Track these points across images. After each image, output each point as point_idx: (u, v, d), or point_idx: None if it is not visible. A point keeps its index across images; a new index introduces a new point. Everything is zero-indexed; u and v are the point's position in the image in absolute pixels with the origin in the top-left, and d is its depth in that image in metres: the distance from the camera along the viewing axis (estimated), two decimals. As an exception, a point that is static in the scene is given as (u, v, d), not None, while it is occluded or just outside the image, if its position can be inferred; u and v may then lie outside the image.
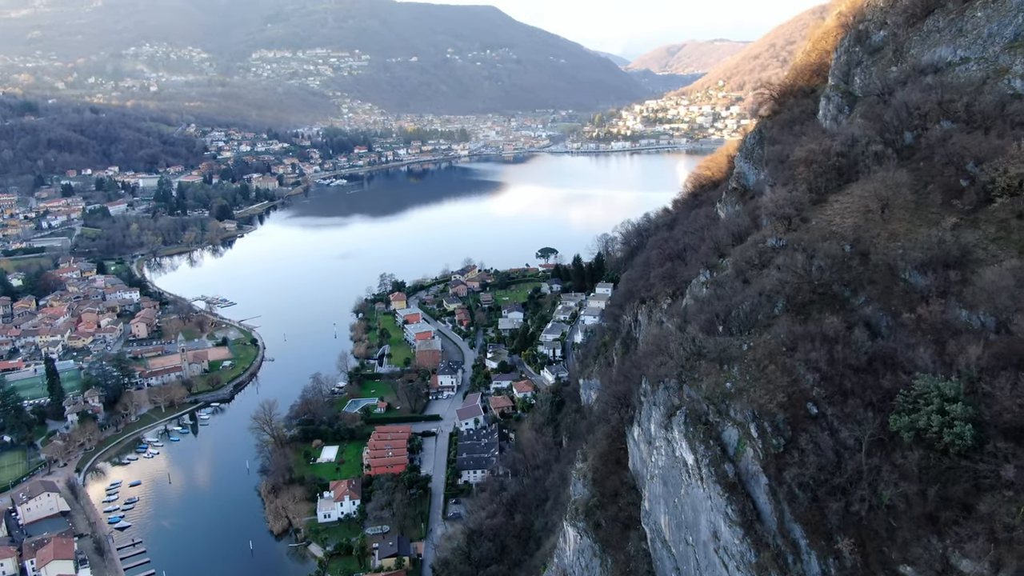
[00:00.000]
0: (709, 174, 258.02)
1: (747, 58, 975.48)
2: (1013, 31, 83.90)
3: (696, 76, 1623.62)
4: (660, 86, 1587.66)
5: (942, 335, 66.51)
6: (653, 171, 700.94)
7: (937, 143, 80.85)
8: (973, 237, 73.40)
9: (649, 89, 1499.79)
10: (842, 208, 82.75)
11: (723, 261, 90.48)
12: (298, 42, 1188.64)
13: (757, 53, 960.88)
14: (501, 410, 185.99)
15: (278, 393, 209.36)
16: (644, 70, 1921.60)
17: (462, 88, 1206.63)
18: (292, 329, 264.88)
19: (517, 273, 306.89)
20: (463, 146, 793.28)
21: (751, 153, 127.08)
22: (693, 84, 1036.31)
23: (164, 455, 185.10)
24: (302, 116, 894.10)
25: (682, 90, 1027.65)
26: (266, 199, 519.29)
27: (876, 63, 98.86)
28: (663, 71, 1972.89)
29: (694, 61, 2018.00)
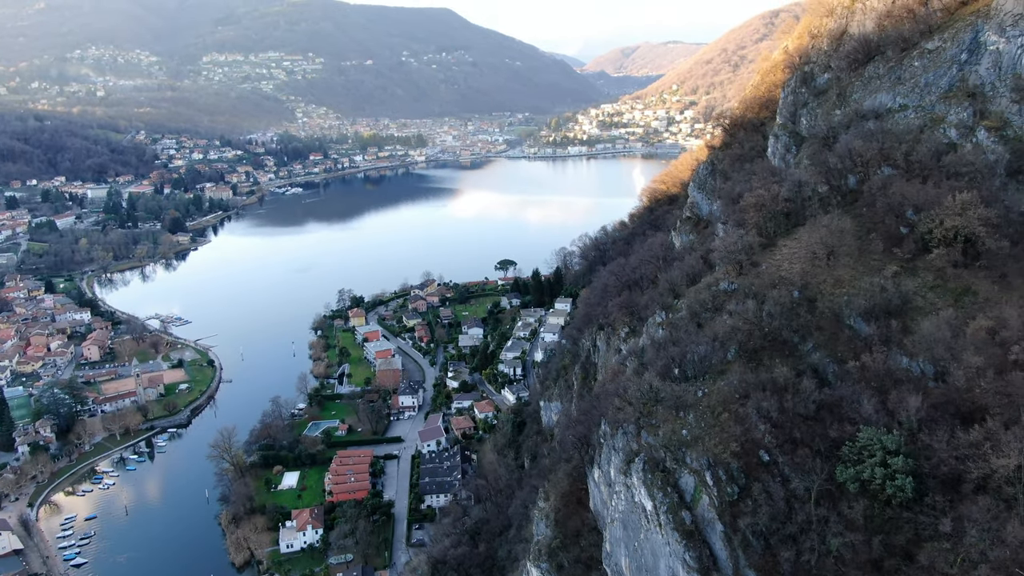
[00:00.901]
0: (664, 188, 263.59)
1: (700, 62, 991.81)
2: (948, 82, 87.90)
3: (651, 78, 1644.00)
4: (615, 88, 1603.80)
5: (885, 383, 69.96)
6: (610, 177, 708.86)
7: (879, 190, 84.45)
8: (912, 285, 77.15)
9: (605, 91, 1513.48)
10: (790, 253, 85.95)
11: (678, 302, 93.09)
12: (250, 45, 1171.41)
13: (710, 58, 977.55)
14: (463, 431, 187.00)
15: (237, 416, 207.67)
16: (599, 72, 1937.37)
17: (418, 91, 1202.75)
18: (249, 347, 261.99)
19: (476, 287, 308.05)
20: (420, 152, 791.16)
21: (704, 184, 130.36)
22: (648, 88, 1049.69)
23: (120, 485, 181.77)
24: (255, 121, 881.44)
25: (637, 94, 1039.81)
26: (220, 209, 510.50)
27: (821, 105, 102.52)
28: (618, 72, 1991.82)
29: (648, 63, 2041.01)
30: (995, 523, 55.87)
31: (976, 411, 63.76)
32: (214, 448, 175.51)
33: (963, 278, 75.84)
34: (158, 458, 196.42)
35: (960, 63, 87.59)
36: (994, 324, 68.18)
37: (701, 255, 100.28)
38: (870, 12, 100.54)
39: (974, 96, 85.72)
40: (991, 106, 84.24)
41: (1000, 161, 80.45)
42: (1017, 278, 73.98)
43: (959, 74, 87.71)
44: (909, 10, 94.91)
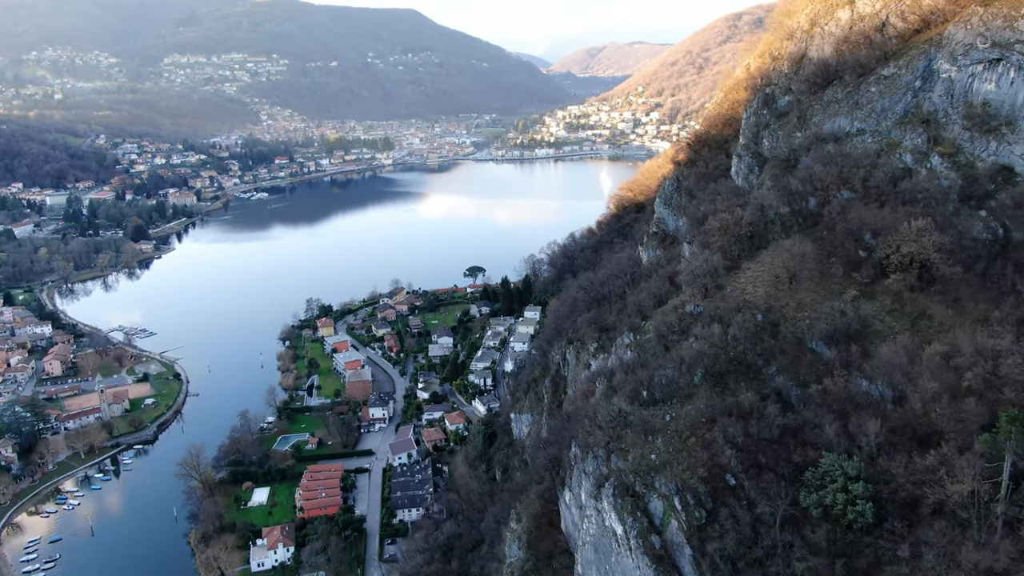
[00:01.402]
0: (631, 196, 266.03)
1: (665, 64, 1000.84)
2: (903, 107, 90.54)
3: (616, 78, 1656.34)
4: (581, 88, 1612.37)
5: (845, 407, 72.22)
6: (577, 179, 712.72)
7: (838, 215, 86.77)
8: (871, 309, 79.62)
9: (571, 92, 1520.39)
10: (754, 276, 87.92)
11: (645, 324, 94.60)
12: (212, 46, 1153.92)
13: (675, 60, 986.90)
14: (434, 443, 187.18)
15: (204, 431, 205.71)
16: (566, 72, 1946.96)
17: (384, 93, 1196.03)
18: (216, 359, 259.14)
19: (446, 294, 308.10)
20: (387, 155, 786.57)
21: (670, 200, 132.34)
22: (614, 89, 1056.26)
23: (86, 505, 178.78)
24: (219, 124, 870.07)
25: (603, 95, 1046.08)
26: (184, 216, 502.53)
27: (782, 127, 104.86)
28: (584, 73, 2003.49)
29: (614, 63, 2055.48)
30: (951, 546, 58.13)
31: (932, 435, 66.20)
32: (182, 466, 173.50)
33: (919, 302, 78.47)
34: (124, 476, 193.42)
35: (915, 90, 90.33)
36: (948, 349, 70.71)
37: (668, 276, 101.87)
38: (828, 37, 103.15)
39: (928, 122, 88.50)
40: (944, 132, 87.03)
41: (953, 187, 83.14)
42: (970, 302, 76.72)
43: (914, 100, 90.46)
44: (866, 36, 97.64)
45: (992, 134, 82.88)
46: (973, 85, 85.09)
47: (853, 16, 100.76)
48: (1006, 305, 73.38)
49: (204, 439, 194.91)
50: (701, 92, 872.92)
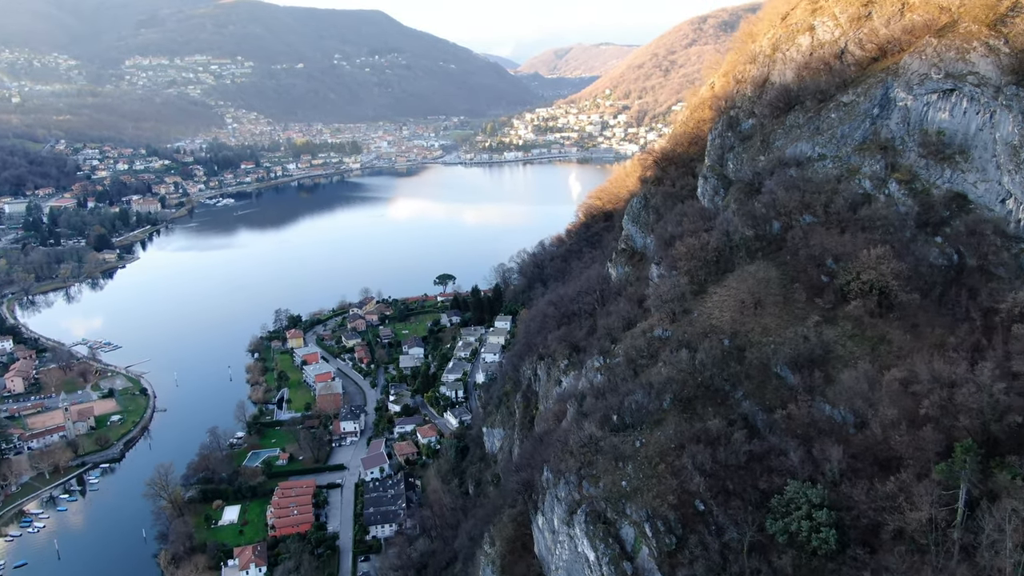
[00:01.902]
0: (600, 204, 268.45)
1: (632, 67, 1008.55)
2: (862, 134, 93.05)
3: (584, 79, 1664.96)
4: (549, 90, 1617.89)
5: (809, 432, 74.29)
6: (546, 183, 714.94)
7: (801, 241, 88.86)
8: (833, 334, 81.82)
9: (539, 93, 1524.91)
10: (720, 301, 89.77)
11: (615, 347, 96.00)
12: (175, 48, 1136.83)
13: (641, 62, 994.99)
14: (406, 457, 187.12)
15: (173, 448, 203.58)
16: (533, 73, 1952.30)
17: (351, 95, 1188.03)
18: (184, 372, 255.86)
19: (416, 303, 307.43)
20: (355, 159, 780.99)
21: (638, 217, 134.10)
22: (582, 92, 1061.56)
23: (51, 527, 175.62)
24: (183, 128, 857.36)
25: (571, 98, 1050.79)
26: (148, 223, 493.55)
27: (747, 150, 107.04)
28: (552, 74, 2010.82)
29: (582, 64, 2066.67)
30: (910, 572, 60.28)
31: (892, 460, 68.42)
32: (150, 486, 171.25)
33: (879, 327, 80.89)
34: (91, 496, 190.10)
35: (873, 117, 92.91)
36: (907, 375, 72.97)
37: (637, 299, 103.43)
38: (790, 62, 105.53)
39: (886, 149, 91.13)
40: (901, 159, 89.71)
41: (910, 213, 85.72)
42: (927, 327, 79.29)
43: (872, 127, 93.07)
44: (825, 63, 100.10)
45: (947, 162, 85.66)
46: (928, 114, 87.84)
47: (813, 43, 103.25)
48: (961, 331, 76.08)
49: (172, 456, 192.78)
50: (668, 94, 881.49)
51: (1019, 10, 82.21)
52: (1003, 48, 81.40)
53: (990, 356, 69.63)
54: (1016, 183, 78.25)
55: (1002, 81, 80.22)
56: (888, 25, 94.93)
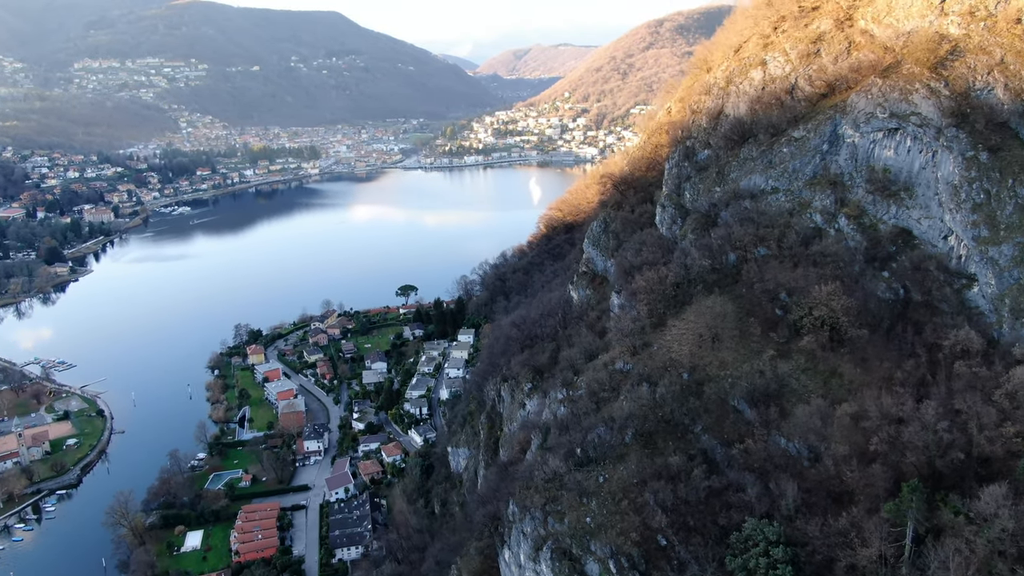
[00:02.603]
0: (560, 216, 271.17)
1: (590, 70, 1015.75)
2: (812, 169, 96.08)
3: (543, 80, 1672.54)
4: (508, 91, 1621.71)
5: (766, 467, 76.75)
6: (507, 187, 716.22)
7: (756, 275, 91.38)
8: (787, 368, 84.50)
9: (498, 94, 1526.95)
10: (679, 334, 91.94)
11: (577, 379, 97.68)
12: (127, 50, 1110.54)
13: (599, 65, 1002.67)
14: (371, 476, 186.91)
15: (132, 471, 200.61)
16: (492, 74, 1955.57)
17: (309, 98, 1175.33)
18: (142, 391, 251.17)
19: (378, 316, 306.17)
20: (313, 164, 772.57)
21: (598, 241, 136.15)
22: (541, 95, 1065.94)
23: (6, 559, 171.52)
24: (136, 132, 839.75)
25: (530, 100, 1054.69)
26: (101, 234, 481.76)
27: (703, 181, 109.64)
28: (511, 75, 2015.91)
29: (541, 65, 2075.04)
30: (863, 607, 63.05)
31: (845, 494, 71.24)
32: (110, 514, 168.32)
33: (830, 361, 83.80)
34: (47, 525, 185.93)
35: (822, 152, 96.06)
36: (858, 410, 75.84)
37: (599, 331, 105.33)
38: (743, 95, 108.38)
39: (835, 184, 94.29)
40: (850, 195, 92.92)
41: (859, 248, 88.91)
42: (875, 361, 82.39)
43: (822, 163, 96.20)
44: (777, 98, 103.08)
45: (892, 198, 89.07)
46: (875, 151, 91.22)
47: (765, 77, 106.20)
48: (907, 366, 79.21)
49: (132, 480, 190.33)
50: (626, 97, 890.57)
51: (958, 54, 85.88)
52: (943, 91, 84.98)
53: (934, 393, 72.88)
54: (957, 221, 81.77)
55: (943, 123, 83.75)
56: (836, 63, 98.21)
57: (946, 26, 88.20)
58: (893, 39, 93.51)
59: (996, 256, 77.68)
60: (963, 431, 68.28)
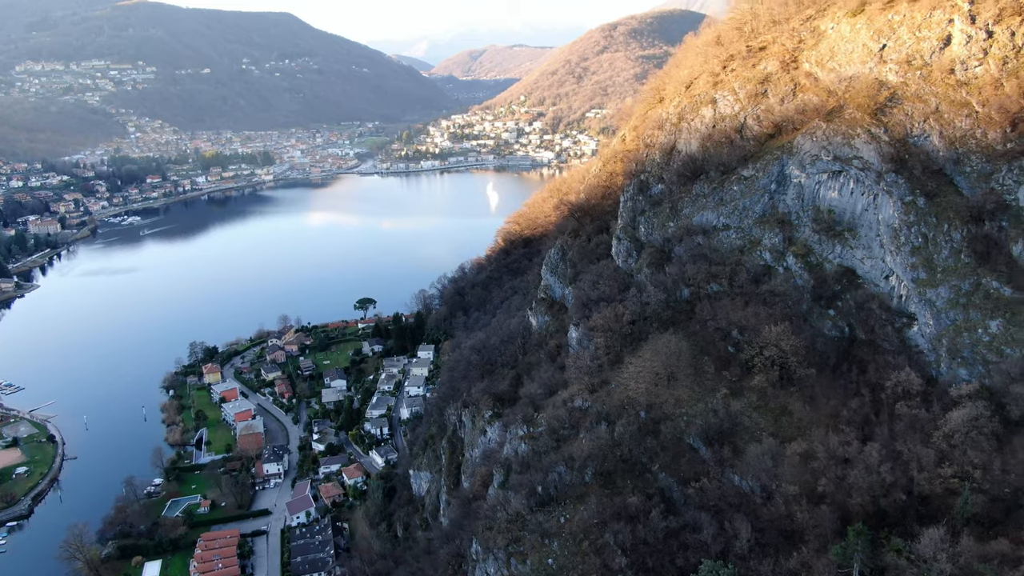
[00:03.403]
0: (518, 229, 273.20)
1: (545, 73, 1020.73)
2: (762, 208, 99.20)
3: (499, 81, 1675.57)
4: (464, 92, 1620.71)
5: (721, 505, 79.38)
6: (464, 193, 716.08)
7: (708, 313, 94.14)
8: (739, 405, 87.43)
9: (454, 96, 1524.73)
10: (636, 372, 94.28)
11: (538, 416, 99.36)
12: (71, 53, 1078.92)
13: (554, 69, 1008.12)
14: (332, 499, 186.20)
15: (86, 499, 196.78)
16: (448, 75, 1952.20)
17: (261, 101, 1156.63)
18: (94, 414, 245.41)
19: (336, 331, 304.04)
20: (267, 170, 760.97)
21: (556, 268, 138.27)
22: (496, 98, 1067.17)
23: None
24: (82, 138, 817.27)
25: (486, 104, 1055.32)
26: (48, 246, 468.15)
27: (657, 215, 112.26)
28: (467, 75, 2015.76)
29: (496, 66, 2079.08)
30: (813, 647, 65.90)
31: (795, 532, 74.25)
32: (64, 548, 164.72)
33: (781, 398, 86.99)
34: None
35: (771, 192, 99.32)
36: (807, 448, 79.06)
37: (559, 365, 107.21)
38: (694, 132, 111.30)
39: (783, 223, 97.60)
40: (797, 234, 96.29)
41: (806, 287, 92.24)
42: (823, 398, 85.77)
43: (770, 202, 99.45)
44: (727, 136, 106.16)
45: (837, 238, 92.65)
46: (820, 192, 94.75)
47: (715, 115, 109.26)
48: (853, 404, 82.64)
49: (86, 508, 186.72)
50: (581, 101, 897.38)
51: (896, 101, 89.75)
52: (883, 136, 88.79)
53: (878, 434, 76.38)
54: (897, 263, 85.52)
55: (883, 167, 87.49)
56: (783, 103, 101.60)
57: (885, 73, 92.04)
58: (836, 83, 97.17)
59: (933, 298, 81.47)
60: (904, 472, 71.84)
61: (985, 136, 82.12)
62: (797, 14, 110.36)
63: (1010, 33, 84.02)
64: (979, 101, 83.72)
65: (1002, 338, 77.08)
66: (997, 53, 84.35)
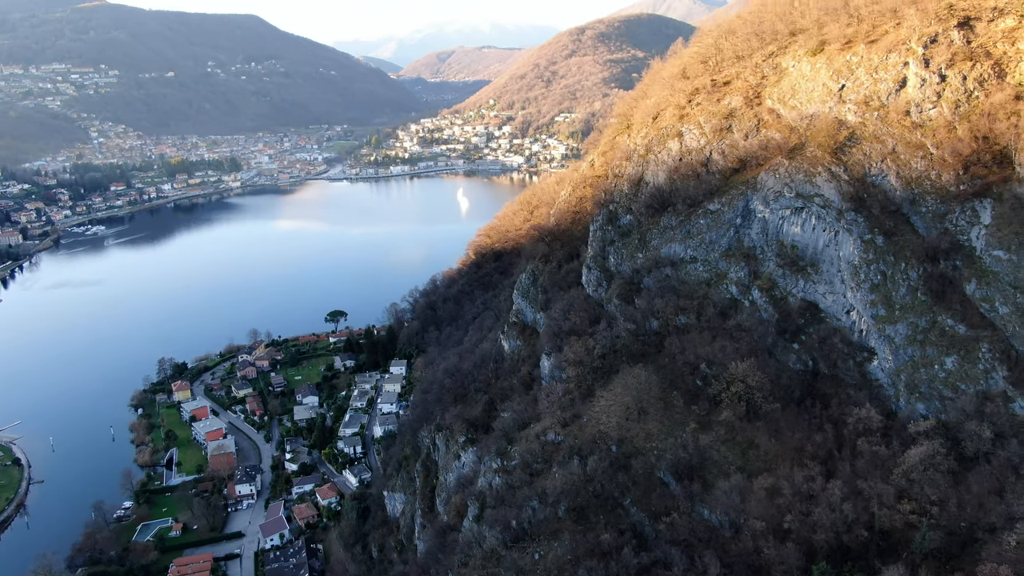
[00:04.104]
0: (490, 242, 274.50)
1: (514, 77, 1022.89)
2: (727, 241, 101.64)
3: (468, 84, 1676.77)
4: (433, 94, 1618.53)
5: (691, 540, 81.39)
6: (435, 198, 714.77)
7: (677, 347, 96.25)
8: (708, 439, 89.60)
9: (423, 98, 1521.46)
10: (607, 406, 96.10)
11: (511, 449, 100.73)
12: (30, 56, 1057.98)
13: (523, 73, 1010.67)
14: (306, 520, 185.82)
15: (54, 525, 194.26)
16: (417, 77, 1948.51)
17: (228, 105, 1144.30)
18: (60, 435, 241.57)
19: (307, 345, 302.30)
20: (235, 177, 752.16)
21: (527, 293, 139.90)
22: (466, 102, 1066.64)
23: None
24: (43, 144, 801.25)
25: (456, 107, 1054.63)
26: (9, 259, 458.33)
27: (626, 246, 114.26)
28: (435, 77, 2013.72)
29: (465, 68, 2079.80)
30: None
31: (763, 567, 76.49)
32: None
33: (748, 432, 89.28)
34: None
35: (736, 226, 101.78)
36: (773, 483, 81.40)
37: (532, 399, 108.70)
38: (661, 165, 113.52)
39: (749, 257, 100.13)
40: (762, 267, 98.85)
41: (771, 321, 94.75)
42: (788, 431, 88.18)
43: (736, 236, 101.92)
44: (693, 169, 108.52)
45: (800, 273, 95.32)
46: (783, 227, 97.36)
47: (682, 148, 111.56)
48: (817, 438, 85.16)
49: (54, 534, 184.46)
50: (551, 105, 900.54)
51: (855, 141, 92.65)
52: (843, 175, 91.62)
53: (840, 471, 78.90)
54: (858, 299, 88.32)
55: (843, 206, 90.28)
56: (747, 139, 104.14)
57: (844, 113, 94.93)
58: (798, 120, 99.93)
59: (892, 334, 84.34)
60: (866, 508, 74.39)
61: (939, 178, 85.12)
62: (760, 49, 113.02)
63: (962, 77, 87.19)
64: (933, 143, 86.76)
65: (957, 375, 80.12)
66: (950, 97, 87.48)
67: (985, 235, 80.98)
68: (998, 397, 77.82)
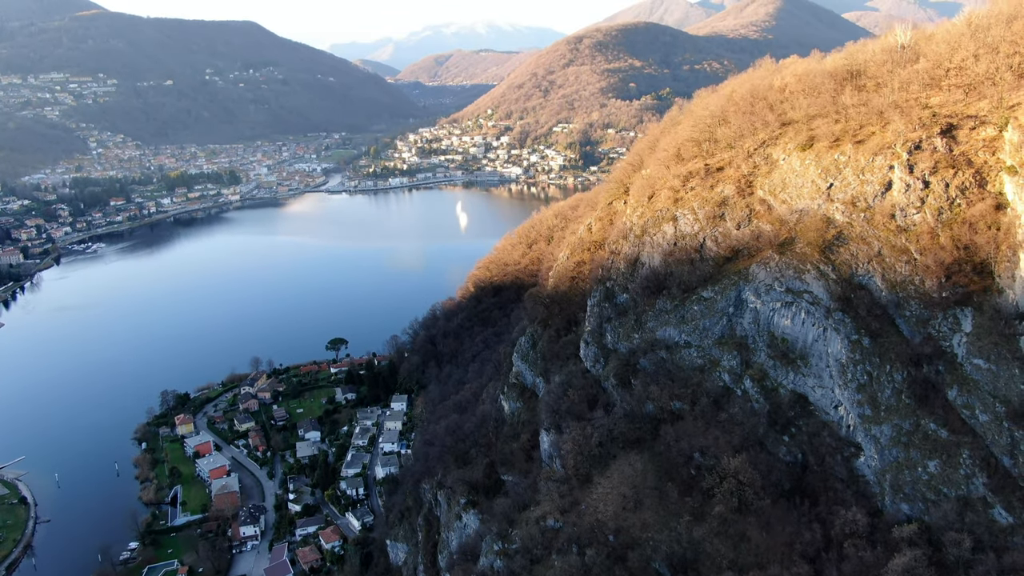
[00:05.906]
0: (488, 276, 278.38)
1: (512, 86, 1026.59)
2: (721, 329, 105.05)
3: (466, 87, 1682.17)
4: (431, 98, 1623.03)
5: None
6: (434, 212, 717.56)
7: (671, 436, 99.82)
8: (701, 531, 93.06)
9: (421, 103, 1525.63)
10: (604, 494, 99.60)
11: (512, 532, 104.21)
12: (28, 66, 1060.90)
13: (521, 82, 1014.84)
14: (310, 564, 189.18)
15: (62, 566, 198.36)
16: (414, 81, 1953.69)
17: (226, 113, 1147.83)
18: (65, 469, 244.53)
19: (308, 375, 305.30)
20: (234, 190, 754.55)
21: (527, 356, 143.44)
22: (464, 110, 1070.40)
23: None
24: (42, 156, 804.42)
25: (453, 116, 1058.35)
26: (11, 279, 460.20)
27: (623, 325, 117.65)
28: (433, 81, 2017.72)
29: (462, 71, 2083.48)
30: None
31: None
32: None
33: (740, 524, 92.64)
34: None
35: (729, 315, 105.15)
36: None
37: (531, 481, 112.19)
38: (657, 247, 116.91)
39: (741, 346, 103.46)
40: (754, 357, 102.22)
41: (762, 411, 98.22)
42: (778, 525, 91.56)
43: (729, 324, 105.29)
44: (688, 255, 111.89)
45: (791, 365, 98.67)
46: (774, 319, 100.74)
47: (676, 233, 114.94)
48: (805, 537, 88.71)
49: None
50: (548, 116, 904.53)
51: (843, 241, 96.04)
52: (831, 274, 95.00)
53: (828, 574, 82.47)
54: (845, 396, 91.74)
55: (832, 304, 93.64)
56: (739, 228, 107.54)
57: (832, 211, 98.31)
58: (788, 214, 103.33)
59: (878, 434, 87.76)
60: (852, 614, 77.97)
61: (923, 283, 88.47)
62: (751, 136, 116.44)
63: (944, 184, 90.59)
64: (917, 249, 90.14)
65: (939, 478, 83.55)
66: (933, 203, 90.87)
67: (966, 343, 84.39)
68: (978, 503, 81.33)
